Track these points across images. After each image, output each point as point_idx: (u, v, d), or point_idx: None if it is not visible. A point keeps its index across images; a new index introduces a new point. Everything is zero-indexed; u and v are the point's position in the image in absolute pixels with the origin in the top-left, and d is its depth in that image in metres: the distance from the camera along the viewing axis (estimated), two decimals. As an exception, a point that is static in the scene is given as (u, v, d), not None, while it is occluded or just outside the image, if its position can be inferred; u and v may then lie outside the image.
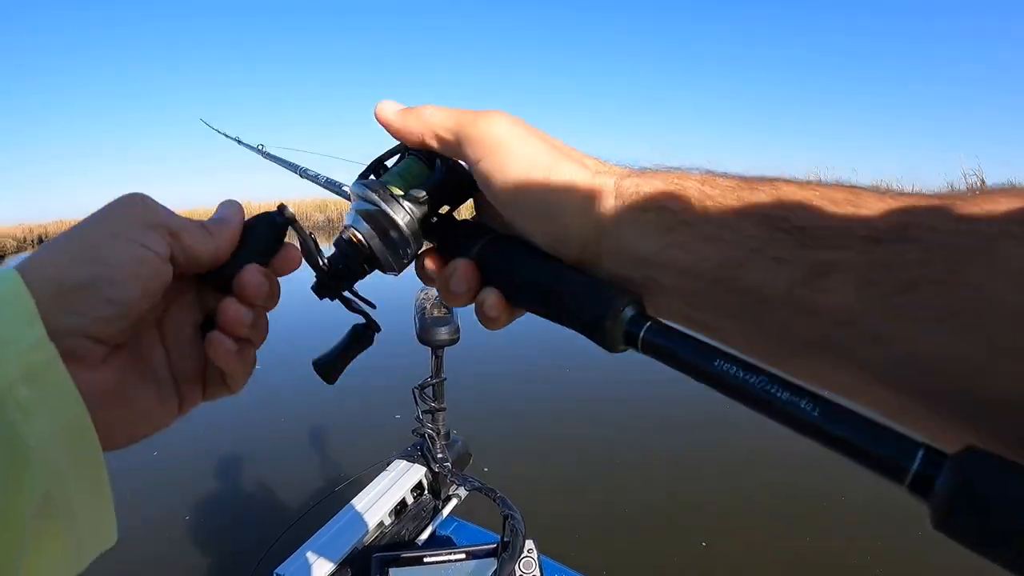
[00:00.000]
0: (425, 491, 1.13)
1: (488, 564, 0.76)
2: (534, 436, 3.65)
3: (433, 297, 1.01)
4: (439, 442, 1.10)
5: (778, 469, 3.11)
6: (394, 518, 1.05)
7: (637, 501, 2.88)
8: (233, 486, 3.17)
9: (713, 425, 3.68)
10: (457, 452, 1.17)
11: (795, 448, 3.18)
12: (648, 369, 2.40)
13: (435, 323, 0.97)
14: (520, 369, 4.97)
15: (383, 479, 1.09)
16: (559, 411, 4.02)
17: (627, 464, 3.26)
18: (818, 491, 2.81)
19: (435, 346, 1.00)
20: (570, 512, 2.76)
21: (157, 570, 2.49)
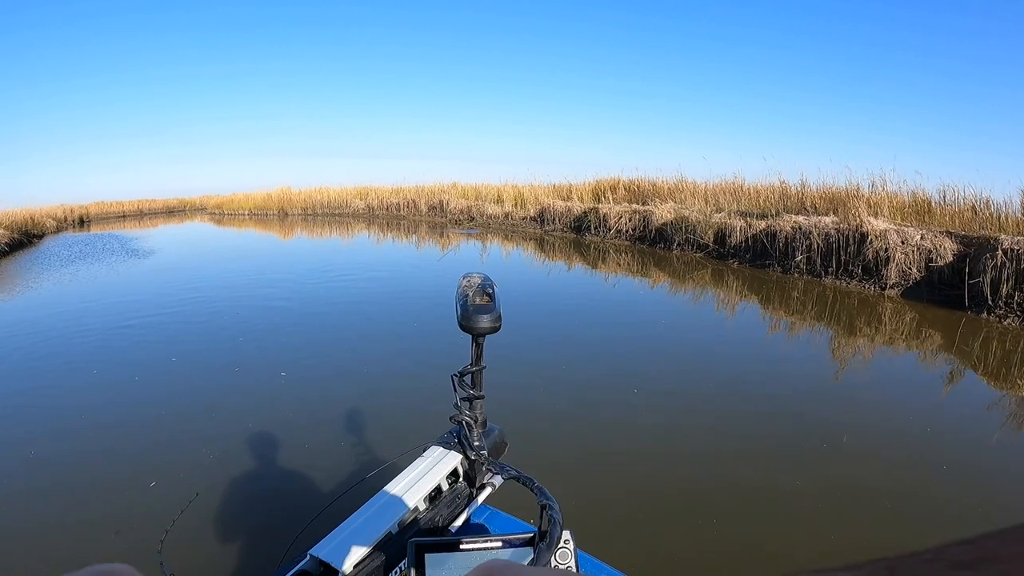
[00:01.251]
0: (460, 478, 1.12)
1: (524, 553, 0.76)
2: (570, 426, 3.70)
3: (476, 284, 1.03)
4: (476, 430, 1.11)
5: (845, 457, 3.21)
6: (428, 504, 1.05)
7: (676, 495, 2.91)
8: (270, 467, 3.28)
9: (766, 417, 3.82)
10: (493, 441, 1.18)
11: (863, 439, 3.41)
12: (697, 361, 4.23)
13: (477, 311, 0.97)
14: (561, 358, 5.02)
15: (419, 465, 1.10)
16: (598, 403, 4.04)
17: (669, 458, 3.28)
18: (886, 483, 2.86)
19: (476, 334, 1.00)
20: (605, 506, 2.80)
21: (193, 547, 2.59)
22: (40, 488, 3.06)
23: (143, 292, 8.37)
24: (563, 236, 14.08)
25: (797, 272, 8.17)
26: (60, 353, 5.42)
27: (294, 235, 19.31)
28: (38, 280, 10.08)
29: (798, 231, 8.25)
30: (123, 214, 35.58)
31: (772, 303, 7.09)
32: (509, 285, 8.22)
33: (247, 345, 5.64)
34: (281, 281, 9.23)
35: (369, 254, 13.45)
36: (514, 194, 17.78)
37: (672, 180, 13.76)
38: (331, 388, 4.46)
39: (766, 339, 5.76)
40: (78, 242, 18.39)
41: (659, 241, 11.37)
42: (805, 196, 9.87)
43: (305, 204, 26.76)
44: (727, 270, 8.96)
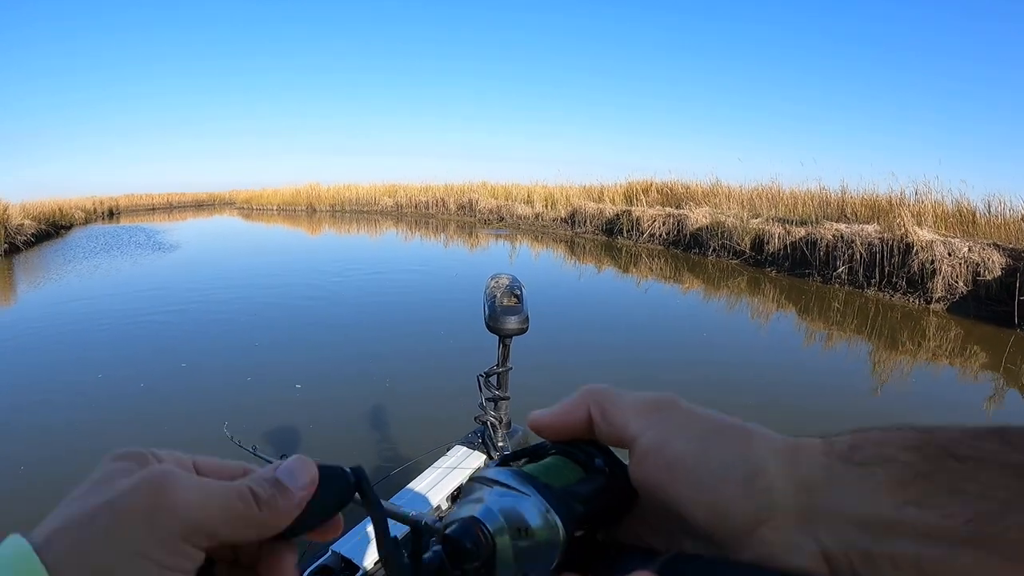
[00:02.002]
0: None
1: None
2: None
3: (504, 285, 1.04)
4: (500, 431, 1.12)
5: None
6: (451, 503, 1.06)
7: None
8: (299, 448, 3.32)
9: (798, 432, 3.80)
10: (517, 442, 1.19)
11: None
12: (728, 372, 4.56)
13: (504, 312, 0.99)
14: (586, 360, 5.09)
15: (442, 464, 1.12)
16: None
17: None
18: None
19: (503, 335, 1.02)
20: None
21: None
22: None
23: (169, 286, 8.57)
24: (594, 239, 14.07)
25: (838, 283, 8.06)
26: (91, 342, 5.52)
27: (322, 231, 19.56)
28: (60, 272, 10.33)
29: (840, 240, 8.13)
30: (152, 207, 36.28)
31: (811, 314, 7.02)
32: (538, 287, 8.13)
33: (272, 341, 5.76)
34: (307, 277, 9.43)
35: (397, 252, 13.67)
36: (544, 195, 17.79)
37: (707, 183, 13.67)
38: (355, 385, 4.56)
39: (802, 351, 5.76)
40: (105, 234, 18.77)
41: (694, 246, 11.30)
42: (845, 203, 9.73)
43: (333, 201, 27.03)
44: (764, 278, 8.88)
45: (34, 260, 12.82)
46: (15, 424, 3.72)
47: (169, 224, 23.78)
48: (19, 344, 5.74)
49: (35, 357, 5.31)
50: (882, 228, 8.00)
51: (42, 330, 6.28)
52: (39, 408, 3.97)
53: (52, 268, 11.31)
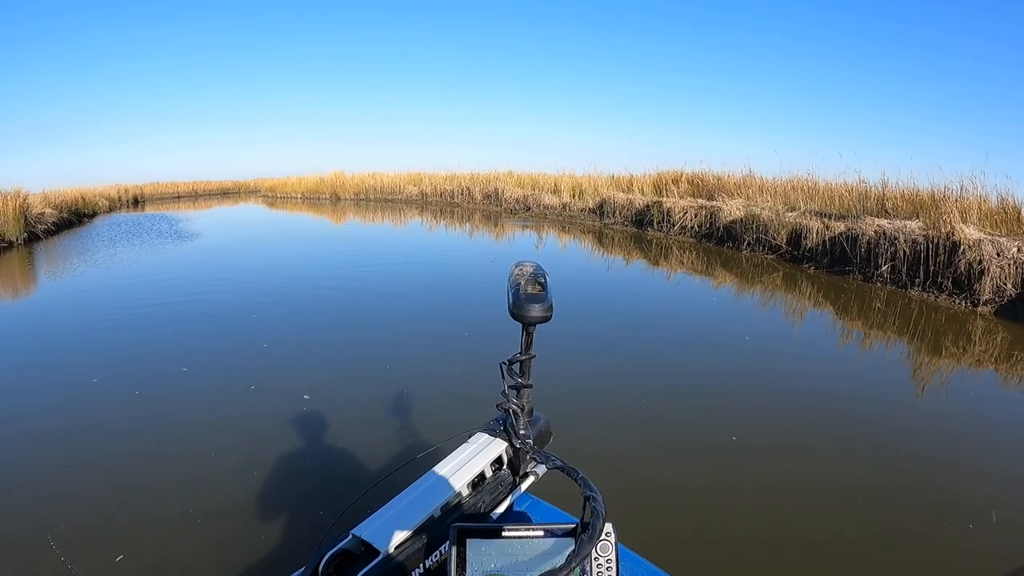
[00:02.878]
0: (504, 466, 1.15)
1: (565, 543, 0.78)
2: (618, 418, 3.83)
3: (528, 273, 1.03)
4: (522, 418, 1.11)
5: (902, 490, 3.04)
6: (472, 490, 1.07)
7: (714, 490, 3.02)
8: (318, 446, 3.42)
9: (825, 424, 3.83)
10: (539, 430, 1.20)
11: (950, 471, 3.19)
12: (750, 358, 4.86)
13: (529, 299, 0.98)
14: (606, 350, 5.19)
15: (464, 451, 1.13)
16: (645, 401, 4.15)
17: (717, 466, 3.31)
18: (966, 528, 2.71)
19: (527, 322, 1.01)
20: (645, 502, 2.88)
21: (241, 520, 2.73)
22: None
23: (194, 273, 8.56)
24: (623, 230, 13.94)
25: (880, 281, 7.87)
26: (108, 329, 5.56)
27: (346, 220, 19.66)
28: (77, 261, 10.41)
29: (882, 236, 7.92)
30: (178, 195, 36.74)
31: (849, 314, 6.87)
32: (565, 278, 8.35)
33: (297, 328, 5.94)
34: (332, 264, 9.74)
35: (422, 241, 13.73)
36: (572, 184, 17.66)
37: (739, 175, 13.43)
38: (379, 370, 4.68)
39: (839, 351, 5.64)
40: (126, 222, 19.07)
41: (727, 240, 11.13)
42: (886, 197, 9.47)
43: (358, 189, 27.17)
44: (801, 275, 8.71)
45: (52, 250, 13.08)
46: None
47: (192, 212, 24.11)
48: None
49: (21, 357, 5.31)
50: (926, 225, 7.78)
51: (37, 325, 6.49)
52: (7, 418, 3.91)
53: (65, 258, 11.56)
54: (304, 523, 2.70)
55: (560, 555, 0.77)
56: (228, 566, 2.43)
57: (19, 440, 3.55)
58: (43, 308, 7.45)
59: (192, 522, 2.71)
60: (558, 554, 0.78)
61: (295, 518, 2.75)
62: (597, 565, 0.81)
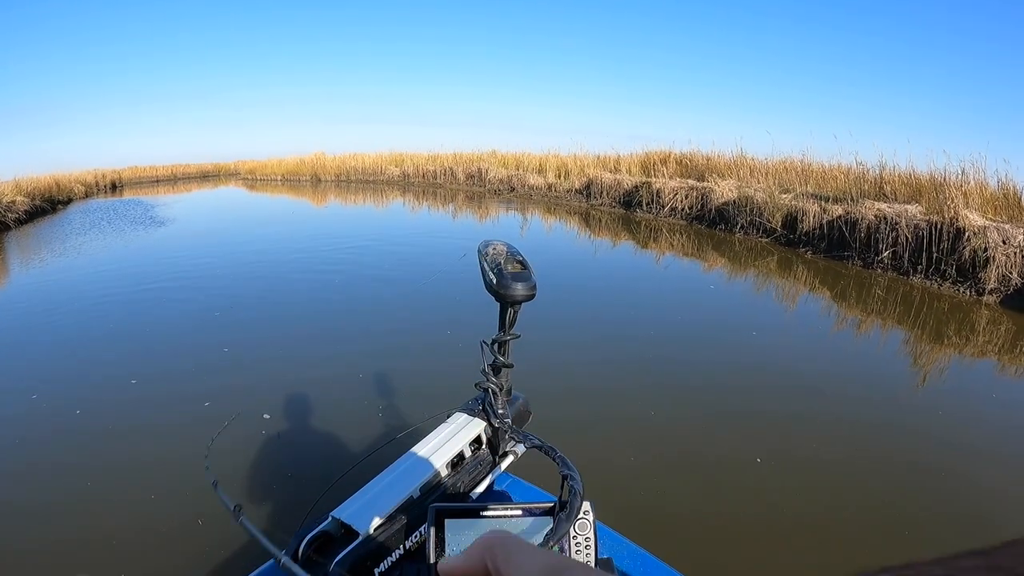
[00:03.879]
0: (483, 446, 1.15)
1: (543, 522, 0.78)
2: (589, 397, 3.83)
3: (503, 252, 1.02)
4: (501, 398, 1.12)
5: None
6: (451, 470, 1.07)
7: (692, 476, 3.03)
8: (295, 428, 3.39)
9: (826, 423, 3.66)
10: (517, 409, 1.20)
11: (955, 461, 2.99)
12: (719, 338, 4.96)
13: (514, 278, 0.97)
14: (599, 339, 5.09)
15: (443, 431, 1.12)
16: (619, 375, 4.20)
17: (700, 448, 3.29)
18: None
19: (511, 301, 1.00)
20: (624, 480, 2.92)
21: (217, 507, 2.62)
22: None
23: (161, 262, 8.11)
24: (611, 211, 13.55)
25: (880, 267, 7.55)
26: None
27: (325, 203, 19.26)
28: (41, 252, 9.78)
29: (883, 220, 7.59)
30: (157, 179, 35.98)
31: (848, 301, 6.58)
32: (551, 261, 8.27)
33: (266, 313, 5.93)
34: (305, 248, 9.61)
35: (403, 222, 13.47)
36: (557, 164, 17.23)
37: (730, 155, 13.06)
38: (355, 352, 4.64)
39: (836, 338, 5.38)
40: (102, 208, 18.58)
41: (719, 222, 10.75)
42: (884, 180, 9.11)
43: (339, 170, 26.68)
44: (797, 259, 8.39)
45: (23, 239, 12.55)
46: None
47: (170, 197, 23.58)
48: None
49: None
50: (927, 209, 7.46)
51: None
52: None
53: (31, 248, 11.14)
54: (284, 506, 2.68)
55: (539, 534, 0.77)
56: (207, 552, 2.40)
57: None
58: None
59: (169, 509, 2.66)
60: (536, 533, 0.77)
61: (274, 502, 2.74)
62: (576, 543, 0.82)
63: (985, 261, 6.47)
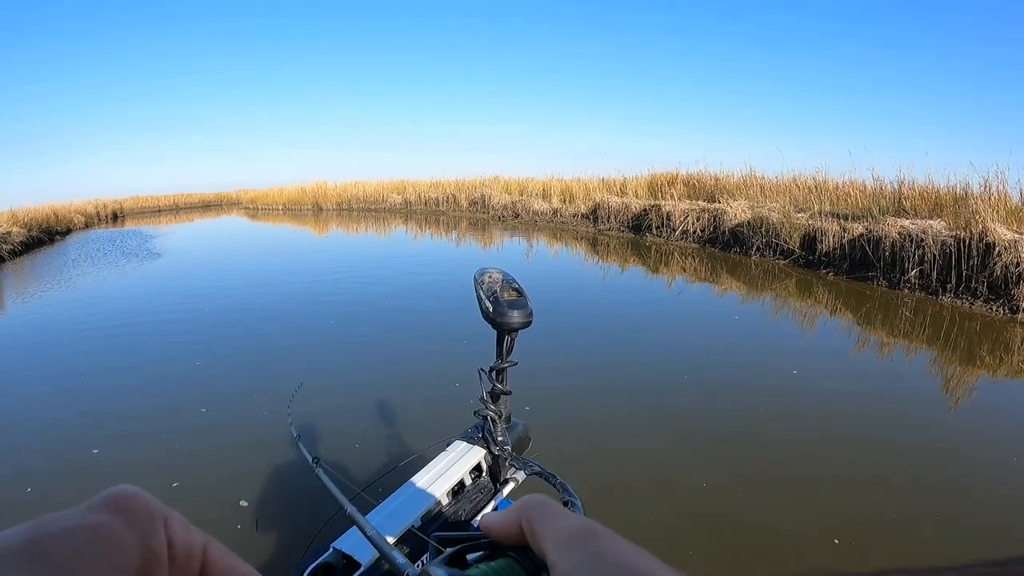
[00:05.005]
0: (483, 473, 1.14)
1: None
2: (589, 422, 3.76)
3: (499, 280, 1.01)
4: (500, 425, 1.10)
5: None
6: (451, 498, 1.06)
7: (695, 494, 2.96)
8: (295, 460, 3.33)
9: (803, 426, 3.71)
10: (517, 436, 1.19)
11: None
12: (721, 360, 4.86)
13: (510, 306, 0.95)
14: (602, 365, 4.99)
15: (442, 459, 1.12)
16: (618, 398, 4.18)
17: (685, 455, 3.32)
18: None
19: (508, 329, 0.98)
20: (624, 503, 2.86)
21: (218, 539, 2.56)
22: None
23: (149, 297, 7.98)
24: (620, 236, 13.34)
25: (908, 287, 7.26)
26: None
27: (329, 231, 19.14)
28: (29, 286, 9.68)
29: (907, 238, 7.33)
30: (159, 208, 36.18)
31: (872, 323, 6.28)
32: (557, 288, 8.19)
33: (271, 340, 5.96)
34: (308, 277, 9.66)
35: (406, 250, 13.26)
36: (561, 188, 17.08)
37: (739, 175, 12.88)
38: (352, 381, 4.66)
39: (858, 360, 5.11)
40: (99, 240, 18.56)
41: (734, 245, 10.53)
42: (903, 196, 8.87)
43: (340, 199, 26.68)
44: (817, 281, 8.11)
45: (14, 273, 12.43)
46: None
47: (169, 227, 23.64)
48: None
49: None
50: (951, 224, 7.21)
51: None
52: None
53: (23, 282, 11.01)
54: (284, 538, 2.68)
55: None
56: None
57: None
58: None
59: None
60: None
61: (275, 534, 2.73)
62: None
63: (1018, 277, 6.20)
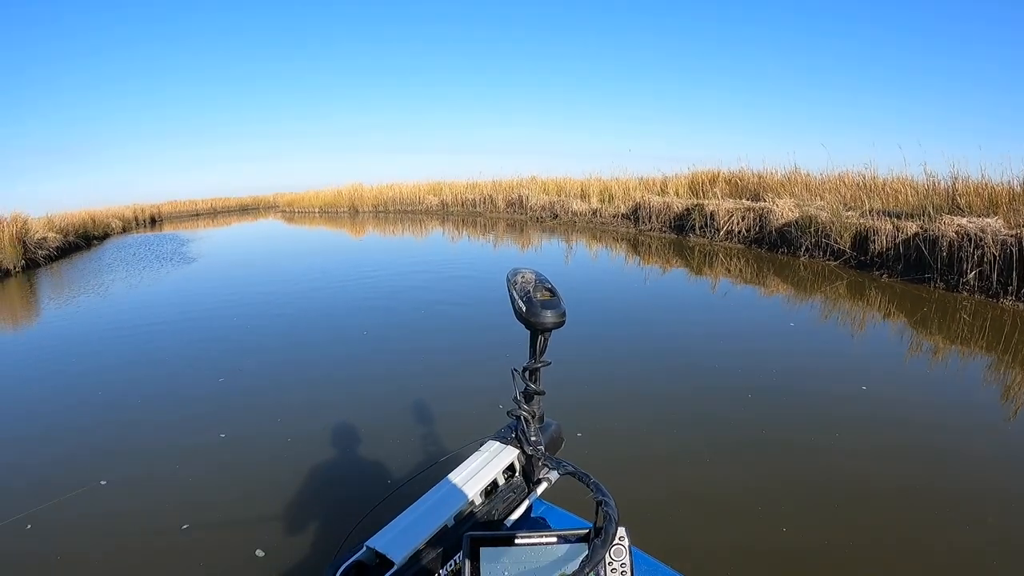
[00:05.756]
0: (516, 473, 1.16)
1: (579, 549, 0.79)
2: (623, 421, 3.87)
3: (532, 280, 1.04)
4: (533, 425, 1.13)
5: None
6: (485, 498, 1.08)
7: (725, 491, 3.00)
8: (330, 459, 3.47)
9: (837, 422, 3.76)
10: (550, 436, 1.21)
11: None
12: (757, 361, 4.94)
13: (544, 306, 0.97)
14: (611, 353, 5.21)
15: (476, 459, 1.13)
16: (653, 397, 4.30)
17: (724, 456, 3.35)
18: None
19: (540, 329, 1.00)
20: (657, 504, 2.87)
21: (253, 537, 2.73)
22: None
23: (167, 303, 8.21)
24: (661, 236, 13.28)
25: (967, 290, 7.07)
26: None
27: (365, 233, 19.36)
28: (57, 293, 10.00)
29: (964, 237, 7.12)
30: (196, 212, 37.01)
31: (927, 328, 6.12)
32: (598, 290, 8.22)
33: (300, 343, 6.15)
34: (345, 278, 10.08)
35: (442, 252, 13.44)
36: (600, 188, 17.02)
37: (783, 172, 12.68)
38: (385, 382, 4.79)
39: (913, 365, 5.05)
40: (135, 244, 19.12)
41: (781, 245, 10.38)
42: (958, 192, 8.61)
43: (376, 201, 26.96)
44: (870, 283, 7.95)
45: (48, 277, 12.90)
46: None
47: (206, 231, 24.27)
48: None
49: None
50: (1009, 223, 6.99)
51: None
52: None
53: (52, 289, 11.37)
54: (318, 536, 2.74)
55: (574, 561, 0.78)
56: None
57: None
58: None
59: (207, 541, 2.72)
60: (572, 560, 0.78)
61: (309, 532, 2.81)
62: (611, 570, 0.82)
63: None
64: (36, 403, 4.85)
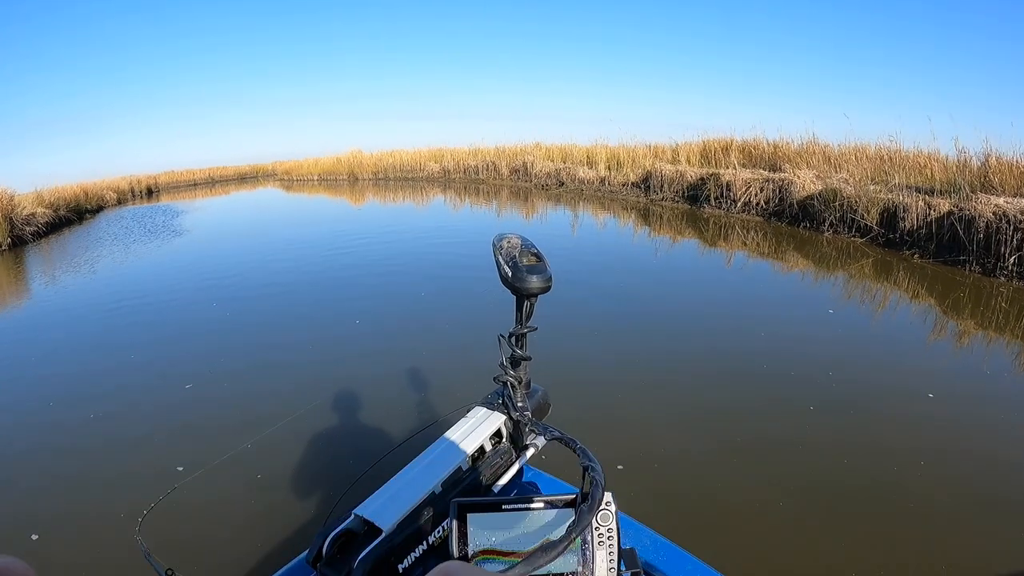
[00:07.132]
0: (504, 439, 1.16)
1: (566, 514, 0.80)
2: (607, 387, 3.91)
3: (518, 245, 1.03)
4: (520, 391, 1.14)
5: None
6: (472, 464, 1.08)
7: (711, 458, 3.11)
8: (316, 427, 3.51)
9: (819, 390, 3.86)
10: (537, 402, 1.21)
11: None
12: (736, 327, 5.39)
13: (529, 271, 0.98)
14: (594, 322, 5.10)
15: (463, 425, 1.13)
16: (635, 363, 4.36)
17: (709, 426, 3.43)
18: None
19: (527, 294, 1.01)
20: (642, 470, 2.95)
21: (240, 509, 2.82)
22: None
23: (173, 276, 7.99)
24: (674, 207, 12.88)
25: (1004, 275, 6.73)
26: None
27: (365, 202, 19.06)
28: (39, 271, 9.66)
29: (1002, 218, 6.76)
30: (194, 182, 36.53)
31: (958, 313, 5.82)
32: (608, 263, 8.16)
33: (279, 317, 6.21)
34: (327, 247, 10.21)
35: (443, 221, 13.32)
36: (607, 155, 16.54)
37: (799, 142, 12.20)
38: (370, 350, 4.90)
39: (947, 357, 4.73)
40: (129, 216, 18.92)
41: (803, 219, 9.99)
42: (991, 170, 8.17)
43: (376, 168, 26.53)
44: (898, 263, 7.60)
45: (31, 255, 12.60)
46: None
47: (202, 201, 24.01)
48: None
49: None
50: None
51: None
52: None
53: (35, 267, 11.19)
54: (306, 506, 2.81)
55: (561, 526, 0.80)
56: (233, 553, 2.50)
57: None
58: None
59: (199, 512, 2.73)
60: (559, 525, 0.80)
61: (297, 502, 2.86)
62: (599, 534, 0.82)
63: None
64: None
